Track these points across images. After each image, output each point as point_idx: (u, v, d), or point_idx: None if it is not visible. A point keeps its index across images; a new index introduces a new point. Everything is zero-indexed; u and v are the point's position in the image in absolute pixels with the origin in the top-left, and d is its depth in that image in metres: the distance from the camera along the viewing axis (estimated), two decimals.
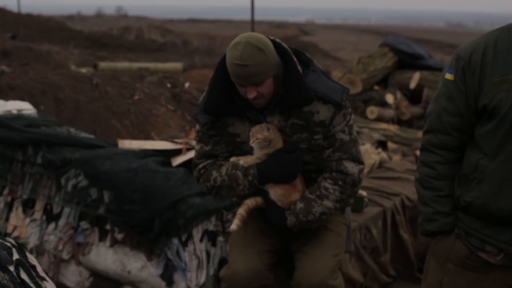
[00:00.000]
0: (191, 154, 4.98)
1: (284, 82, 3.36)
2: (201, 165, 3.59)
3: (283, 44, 3.37)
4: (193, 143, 5.15)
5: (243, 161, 3.47)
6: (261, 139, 3.37)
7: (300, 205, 3.46)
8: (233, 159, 3.51)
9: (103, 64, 16.24)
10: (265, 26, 43.92)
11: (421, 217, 3.05)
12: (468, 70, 2.85)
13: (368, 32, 53.29)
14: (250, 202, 3.50)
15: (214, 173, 3.52)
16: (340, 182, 3.44)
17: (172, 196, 4.47)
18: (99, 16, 69.35)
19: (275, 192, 3.47)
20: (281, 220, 3.46)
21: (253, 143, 3.41)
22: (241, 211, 3.46)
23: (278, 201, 3.48)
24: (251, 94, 3.29)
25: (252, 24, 18.78)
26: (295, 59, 3.37)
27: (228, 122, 3.49)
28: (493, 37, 2.87)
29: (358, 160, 3.48)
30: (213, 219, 4.45)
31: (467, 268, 2.96)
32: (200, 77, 12.42)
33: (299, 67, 3.36)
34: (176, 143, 5.20)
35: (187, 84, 11.67)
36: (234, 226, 3.40)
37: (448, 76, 2.92)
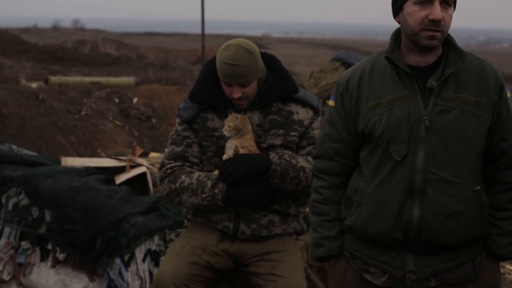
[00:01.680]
0: (135, 172, 4.94)
1: (267, 82, 3.65)
2: (168, 166, 3.69)
3: (267, 52, 3.73)
4: (137, 160, 5.12)
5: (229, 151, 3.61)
6: (231, 127, 3.56)
7: (287, 151, 3.62)
8: (215, 172, 3.64)
9: (54, 78, 15.93)
10: (222, 39, 43.87)
11: (312, 243, 3.07)
12: (346, 95, 2.89)
13: (324, 46, 53.72)
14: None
15: (183, 177, 3.63)
16: None
17: (114, 215, 4.41)
18: (56, 29, 68.59)
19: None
20: (264, 155, 3.57)
21: (224, 130, 3.59)
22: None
23: None
24: (237, 94, 3.54)
25: (203, 37, 18.71)
26: (280, 64, 3.73)
27: (208, 117, 3.69)
28: (370, 61, 2.91)
29: None
30: (156, 238, 4.41)
31: None
32: (148, 92, 12.30)
33: (283, 67, 3.72)
34: (120, 160, 5.14)
35: (135, 100, 11.59)
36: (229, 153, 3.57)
37: (331, 102, 2.96)
